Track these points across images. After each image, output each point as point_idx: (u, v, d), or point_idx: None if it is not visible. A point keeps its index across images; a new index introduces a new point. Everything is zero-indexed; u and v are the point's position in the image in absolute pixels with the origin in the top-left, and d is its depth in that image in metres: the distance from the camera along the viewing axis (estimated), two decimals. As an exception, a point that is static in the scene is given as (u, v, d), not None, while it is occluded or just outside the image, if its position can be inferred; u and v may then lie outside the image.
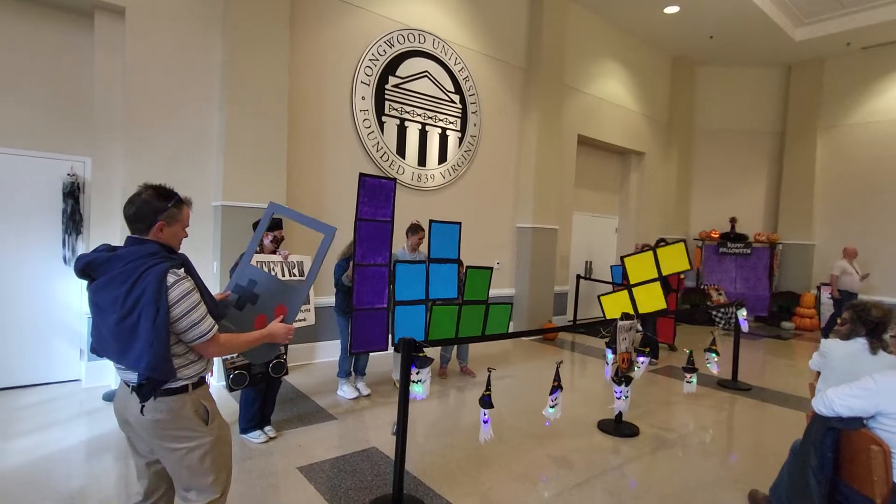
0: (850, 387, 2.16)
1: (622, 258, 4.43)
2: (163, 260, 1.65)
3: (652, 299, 4.24)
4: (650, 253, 4.28)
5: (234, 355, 2.89)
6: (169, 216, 1.72)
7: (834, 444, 2.18)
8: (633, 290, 4.30)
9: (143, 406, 1.66)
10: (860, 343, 2.44)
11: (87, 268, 1.66)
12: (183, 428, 1.71)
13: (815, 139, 9.51)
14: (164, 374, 1.61)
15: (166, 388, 1.67)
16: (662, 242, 6.55)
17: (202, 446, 1.74)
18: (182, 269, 1.70)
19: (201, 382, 1.80)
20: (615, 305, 4.30)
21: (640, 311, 4.26)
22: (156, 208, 1.70)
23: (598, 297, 4.45)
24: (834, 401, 2.16)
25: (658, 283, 4.24)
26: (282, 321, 1.97)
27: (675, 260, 4.24)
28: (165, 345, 1.60)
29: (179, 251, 1.80)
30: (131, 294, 1.57)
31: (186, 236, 1.84)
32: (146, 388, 1.63)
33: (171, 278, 1.62)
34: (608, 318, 4.28)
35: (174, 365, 1.66)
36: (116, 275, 1.61)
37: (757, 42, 8.89)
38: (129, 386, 1.71)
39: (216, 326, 1.73)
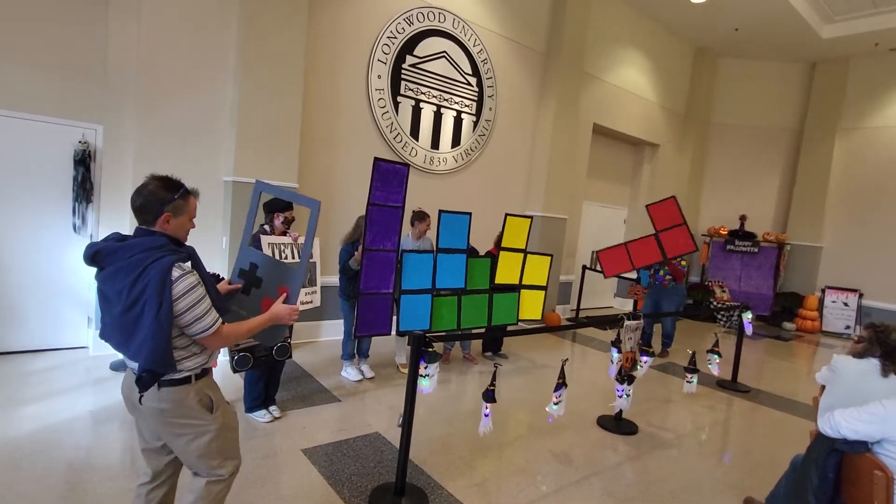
0: (858, 411, 2.16)
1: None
2: (169, 253, 1.65)
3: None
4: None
5: None
6: (175, 207, 1.71)
7: (836, 465, 2.19)
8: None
9: (140, 396, 1.68)
10: (872, 364, 2.42)
11: (95, 256, 1.66)
12: (186, 416, 1.74)
13: (833, 140, 9.33)
14: (163, 366, 1.63)
15: (169, 378, 1.69)
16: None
17: (207, 433, 1.78)
18: (188, 263, 1.71)
19: (204, 373, 1.82)
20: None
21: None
22: (162, 199, 1.69)
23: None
24: (840, 423, 2.17)
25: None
26: (284, 301, 1.98)
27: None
28: (167, 338, 1.61)
29: (187, 242, 1.80)
30: (136, 286, 1.58)
31: (193, 227, 1.83)
32: (145, 380, 1.64)
33: (176, 272, 1.62)
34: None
35: (175, 357, 1.67)
36: (123, 266, 1.61)
37: (783, 37, 8.66)
38: (135, 373, 1.73)
39: (220, 320, 1.74)
